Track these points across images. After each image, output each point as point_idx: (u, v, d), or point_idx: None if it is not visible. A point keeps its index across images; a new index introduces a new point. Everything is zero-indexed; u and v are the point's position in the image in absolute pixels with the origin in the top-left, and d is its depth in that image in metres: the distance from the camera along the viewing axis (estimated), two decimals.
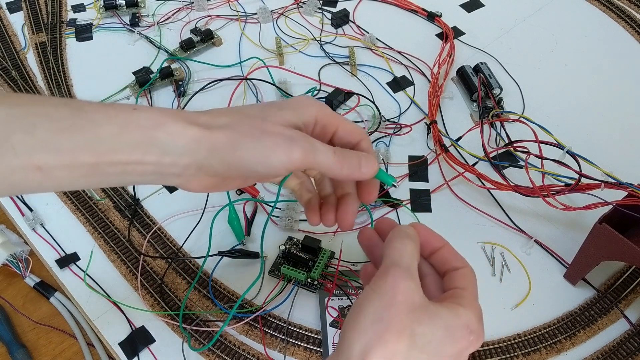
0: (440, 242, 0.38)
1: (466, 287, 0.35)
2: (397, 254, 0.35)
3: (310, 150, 0.34)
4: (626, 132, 0.71)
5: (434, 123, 0.68)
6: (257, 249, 0.58)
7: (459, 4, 0.88)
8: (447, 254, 0.37)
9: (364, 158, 0.37)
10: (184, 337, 0.52)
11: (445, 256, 0.37)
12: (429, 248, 0.37)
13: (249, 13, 0.85)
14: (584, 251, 0.54)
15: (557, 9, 0.88)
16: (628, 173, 0.57)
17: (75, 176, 0.32)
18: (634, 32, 0.84)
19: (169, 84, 0.75)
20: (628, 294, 0.56)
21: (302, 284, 0.55)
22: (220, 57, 0.78)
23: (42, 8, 0.85)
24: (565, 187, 0.55)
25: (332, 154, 0.35)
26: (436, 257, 0.38)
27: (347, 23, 0.84)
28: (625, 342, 0.53)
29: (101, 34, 0.82)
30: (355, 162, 0.36)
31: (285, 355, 0.52)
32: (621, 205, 0.50)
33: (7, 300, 0.61)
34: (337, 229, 0.59)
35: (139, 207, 0.62)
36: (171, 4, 0.86)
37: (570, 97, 0.75)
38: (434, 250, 0.37)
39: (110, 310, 0.55)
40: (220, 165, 0.34)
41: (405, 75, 0.77)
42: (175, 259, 0.58)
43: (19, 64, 0.78)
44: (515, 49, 0.81)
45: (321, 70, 0.77)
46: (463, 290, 0.35)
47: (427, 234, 0.38)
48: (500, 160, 0.63)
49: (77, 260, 0.58)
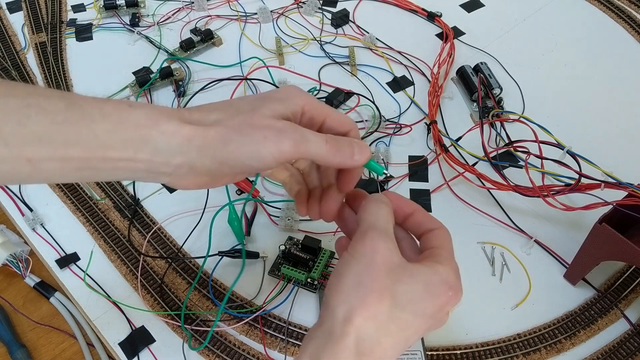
0: (412, 207, 0.39)
1: (442, 245, 0.36)
2: (372, 218, 0.36)
3: (301, 140, 0.34)
4: (626, 132, 0.71)
5: (434, 123, 0.68)
6: (257, 249, 0.58)
7: (459, 4, 0.88)
8: (420, 217, 0.38)
9: (357, 145, 0.37)
10: (184, 337, 0.52)
11: (419, 219, 0.38)
12: (401, 214, 0.39)
13: (249, 13, 0.85)
14: (584, 251, 0.54)
15: (557, 9, 0.88)
16: (628, 173, 0.57)
17: (65, 170, 0.32)
18: (634, 32, 0.84)
19: (169, 84, 0.75)
20: (628, 294, 0.56)
21: (302, 284, 0.55)
22: (220, 57, 0.78)
23: (42, 8, 0.85)
24: (565, 187, 0.55)
25: (324, 142, 0.35)
26: (410, 222, 0.39)
27: (347, 23, 0.84)
28: (625, 342, 0.53)
29: (101, 34, 0.82)
30: (348, 150, 0.36)
31: (285, 355, 0.52)
32: (621, 205, 0.50)
33: (7, 300, 0.61)
34: (337, 229, 0.59)
35: (139, 207, 0.62)
36: (171, 4, 0.86)
37: (570, 96, 0.75)
38: (407, 216, 0.39)
39: (110, 310, 0.55)
40: (212, 163, 0.34)
41: (405, 75, 0.77)
42: (175, 259, 0.58)
43: (19, 64, 0.78)
44: (515, 49, 0.81)
45: (321, 70, 0.77)
46: (439, 249, 0.36)
47: (399, 200, 0.39)
48: (500, 160, 0.63)
49: (77, 260, 0.58)
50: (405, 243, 0.39)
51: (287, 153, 0.34)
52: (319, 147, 0.35)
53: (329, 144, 0.35)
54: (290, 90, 0.37)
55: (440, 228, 0.38)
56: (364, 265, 0.33)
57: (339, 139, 0.36)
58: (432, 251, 0.36)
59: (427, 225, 0.38)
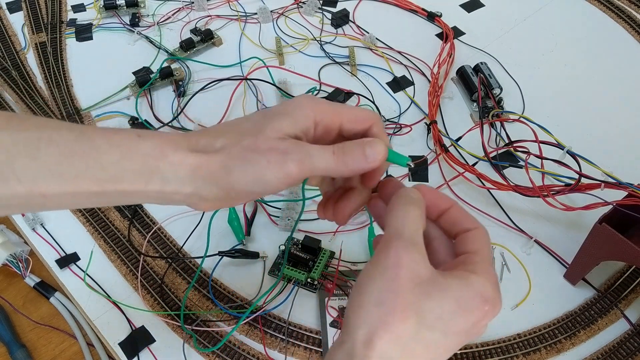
0: (448, 202, 0.35)
1: (478, 250, 0.33)
2: (399, 223, 0.32)
3: (306, 159, 0.33)
4: (626, 132, 0.71)
5: (434, 123, 0.68)
6: (257, 249, 0.58)
7: (459, 4, 0.88)
8: (456, 214, 0.34)
9: (367, 145, 0.34)
10: (184, 337, 0.52)
11: (455, 217, 0.34)
12: (436, 210, 0.35)
13: (249, 13, 0.85)
14: (584, 251, 0.54)
15: (557, 9, 0.88)
16: (628, 173, 0.57)
17: (78, 200, 0.33)
18: (634, 32, 0.84)
19: (169, 84, 0.75)
20: (628, 294, 0.56)
21: (302, 284, 0.55)
22: (220, 57, 0.78)
23: (42, 8, 0.85)
24: (565, 187, 0.55)
25: (331, 155, 0.33)
26: (445, 218, 0.35)
27: (347, 23, 0.84)
28: (625, 342, 0.53)
29: (101, 34, 0.82)
30: (359, 154, 0.34)
31: (285, 355, 0.52)
32: (621, 205, 0.50)
33: (7, 300, 0.61)
34: (337, 229, 0.60)
35: (139, 207, 0.62)
36: (171, 4, 0.86)
37: (570, 97, 0.75)
38: (442, 212, 0.35)
39: (110, 310, 0.55)
40: (218, 191, 0.33)
41: (405, 75, 0.77)
42: (175, 259, 0.58)
43: (19, 64, 0.78)
44: (515, 49, 0.81)
45: (321, 70, 0.77)
46: (475, 255, 0.32)
47: (433, 195, 0.35)
48: (500, 160, 0.63)
49: (77, 260, 0.58)
50: (439, 243, 0.35)
51: (293, 175, 0.33)
52: (326, 162, 0.33)
53: (336, 155, 0.33)
54: (298, 103, 0.35)
55: (478, 229, 0.34)
56: (386, 281, 0.30)
57: (346, 145, 0.34)
58: (467, 257, 0.33)
59: (464, 224, 0.34)
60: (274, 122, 0.34)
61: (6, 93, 0.74)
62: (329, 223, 0.60)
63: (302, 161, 0.33)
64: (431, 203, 0.34)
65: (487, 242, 0.33)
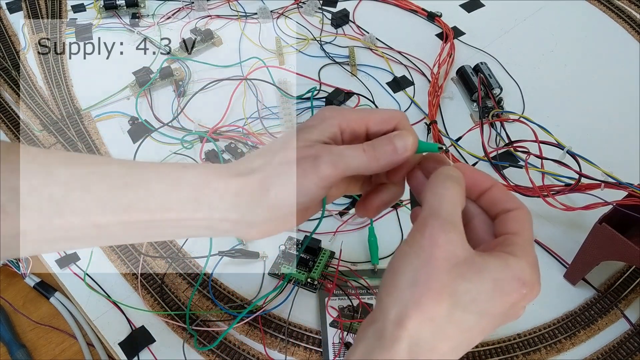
0: (489, 181, 0.34)
1: (519, 231, 0.32)
2: (436, 202, 0.31)
3: (338, 159, 0.33)
4: (626, 132, 0.71)
5: (434, 123, 0.68)
6: (257, 248, 0.58)
7: (459, 4, 0.88)
8: (497, 193, 0.34)
9: (395, 138, 0.34)
10: (184, 337, 0.52)
11: (496, 196, 0.34)
12: (477, 189, 0.34)
13: (249, 13, 0.85)
14: (584, 251, 0.54)
15: (557, 9, 0.88)
16: (628, 173, 0.57)
17: (129, 231, 0.33)
18: (634, 32, 0.84)
19: (169, 84, 0.75)
20: (628, 294, 0.56)
21: (302, 284, 0.55)
22: (220, 57, 0.78)
23: (42, 8, 0.85)
24: (565, 187, 0.55)
25: (362, 152, 0.34)
26: (485, 198, 0.34)
27: (347, 23, 0.84)
28: (625, 342, 0.53)
29: (101, 34, 0.82)
30: (389, 148, 0.34)
31: (285, 355, 0.52)
32: (621, 205, 0.50)
33: (7, 300, 0.60)
34: (337, 228, 0.59)
35: None
36: (171, 4, 0.86)
37: (570, 97, 0.75)
38: (483, 192, 0.34)
39: (110, 310, 0.55)
40: (262, 211, 0.34)
41: (405, 75, 0.77)
42: (175, 259, 0.58)
43: (19, 64, 0.78)
44: (515, 49, 0.81)
45: (321, 70, 0.77)
46: (515, 236, 0.32)
47: (474, 174, 0.34)
48: (500, 160, 0.63)
49: (77, 260, 0.58)
50: (479, 221, 0.34)
51: (329, 177, 0.33)
52: (358, 159, 0.34)
53: (367, 151, 0.34)
54: (322, 114, 0.36)
55: (520, 209, 0.33)
56: (421, 261, 0.30)
57: (376, 141, 0.35)
58: (507, 238, 0.32)
59: (505, 204, 0.33)
60: (302, 134, 0.35)
61: (6, 93, 0.74)
62: (329, 223, 0.60)
63: (334, 162, 0.33)
64: (472, 182, 0.34)
65: (528, 223, 0.33)
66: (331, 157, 0.33)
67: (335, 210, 0.61)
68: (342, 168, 0.33)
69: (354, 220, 0.61)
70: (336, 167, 0.33)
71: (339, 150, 0.34)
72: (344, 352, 0.51)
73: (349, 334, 0.52)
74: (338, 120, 0.35)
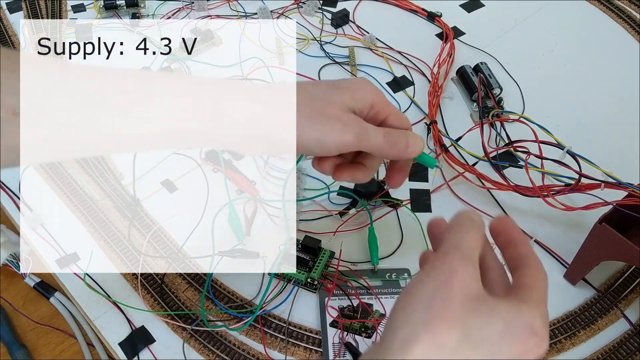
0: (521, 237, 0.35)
1: (535, 287, 0.32)
2: (457, 238, 0.32)
3: (363, 134, 0.38)
4: (626, 132, 0.71)
5: (434, 123, 0.68)
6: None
7: (459, 4, 0.88)
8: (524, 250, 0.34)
9: (411, 138, 0.40)
10: (185, 337, 0.52)
11: (522, 252, 0.34)
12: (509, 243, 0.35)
13: (249, 13, 0.85)
14: (584, 251, 0.54)
15: (557, 9, 0.88)
16: (628, 173, 0.57)
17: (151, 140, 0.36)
18: (634, 32, 0.84)
19: None
20: (628, 294, 0.56)
21: (302, 284, 0.55)
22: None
23: (42, 8, 0.85)
24: (565, 187, 0.55)
25: (382, 137, 0.39)
26: (511, 251, 0.34)
27: (347, 23, 0.84)
28: (625, 342, 0.53)
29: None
30: (403, 143, 0.40)
31: (285, 355, 0.52)
32: (621, 205, 0.50)
33: (7, 300, 0.60)
34: (337, 228, 0.59)
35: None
36: (171, 4, 0.86)
37: (570, 97, 0.75)
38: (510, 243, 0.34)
39: (110, 310, 0.55)
40: (278, 141, 0.38)
41: (405, 75, 0.77)
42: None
43: None
44: (515, 49, 0.81)
45: (321, 70, 0.77)
46: (530, 290, 0.32)
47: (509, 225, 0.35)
48: (500, 160, 0.63)
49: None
50: (496, 275, 0.34)
51: (349, 144, 0.38)
52: (377, 141, 0.39)
53: (386, 137, 0.39)
54: (362, 84, 0.41)
55: (540, 269, 0.33)
56: (439, 284, 0.29)
57: (395, 132, 0.40)
58: (521, 290, 0.32)
59: (527, 260, 0.33)
60: (339, 95, 0.39)
61: None
62: (329, 223, 0.60)
63: (359, 135, 0.38)
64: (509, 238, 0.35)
65: (545, 284, 0.33)
66: (358, 129, 0.38)
67: (335, 210, 0.61)
68: (364, 143, 0.39)
69: (354, 220, 0.61)
70: (359, 140, 0.38)
71: (366, 126, 0.39)
72: (344, 352, 0.51)
73: (349, 334, 0.52)
74: (372, 96, 0.40)
